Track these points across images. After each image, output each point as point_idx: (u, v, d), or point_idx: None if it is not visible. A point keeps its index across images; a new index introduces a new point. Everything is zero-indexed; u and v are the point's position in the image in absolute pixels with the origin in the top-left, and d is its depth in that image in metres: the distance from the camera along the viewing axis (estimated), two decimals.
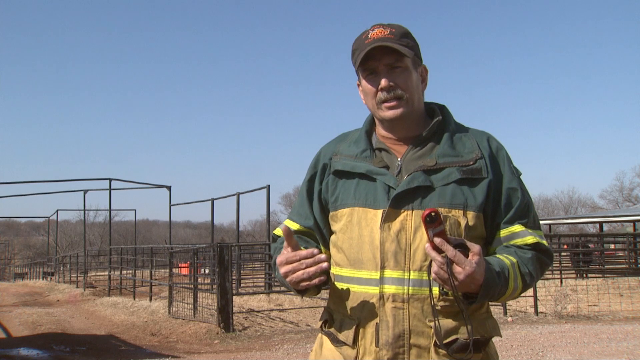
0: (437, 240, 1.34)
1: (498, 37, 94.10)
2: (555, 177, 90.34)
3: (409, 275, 1.42)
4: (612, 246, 26.89)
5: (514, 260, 1.45)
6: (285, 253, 1.45)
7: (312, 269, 1.40)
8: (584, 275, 17.70)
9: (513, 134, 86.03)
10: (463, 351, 1.41)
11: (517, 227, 1.49)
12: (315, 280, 1.41)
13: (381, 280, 1.44)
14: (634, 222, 27.29)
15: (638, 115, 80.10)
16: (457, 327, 1.42)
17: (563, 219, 34.22)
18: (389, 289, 1.43)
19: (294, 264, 1.42)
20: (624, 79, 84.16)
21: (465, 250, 1.35)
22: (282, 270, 1.43)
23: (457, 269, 1.32)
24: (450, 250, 1.33)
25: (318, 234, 1.64)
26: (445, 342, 1.40)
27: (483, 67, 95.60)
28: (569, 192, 77.80)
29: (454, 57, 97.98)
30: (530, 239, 1.48)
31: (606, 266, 20.88)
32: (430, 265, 1.39)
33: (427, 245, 1.36)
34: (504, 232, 1.50)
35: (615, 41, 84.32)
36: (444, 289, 1.40)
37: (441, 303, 1.42)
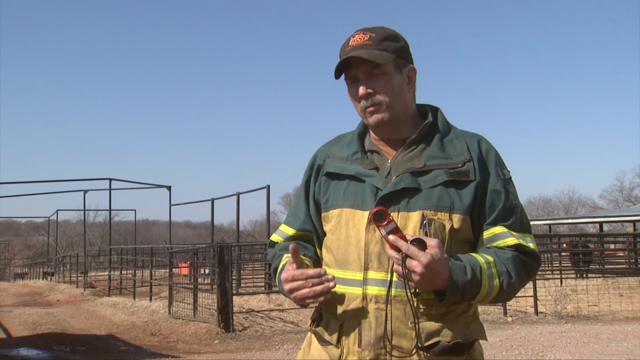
0: (391, 237, 1.35)
1: (498, 37, 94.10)
2: (555, 177, 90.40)
3: (392, 277, 1.42)
4: (612, 246, 26.88)
5: (491, 259, 1.43)
6: (291, 270, 1.45)
7: (318, 288, 1.41)
8: (584, 275, 17.69)
9: (513, 134, 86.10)
10: (444, 354, 1.41)
11: (498, 229, 1.48)
12: (321, 298, 1.42)
13: (364, 282, 1.45)
14: (634, 222, 27.29)
15: (638, 115, 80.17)
16: (439, 330, 1.42)
17: (563, 219, 34.23)
18: (372, 290, 1.44)
19: (300, 282, 1.42)
20: (624, 79, 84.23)
21: (422, 245, 1.35)
22: (287, 286, 1.44)
23: (412, 262, 1.33)
24: (404, 245, 1.34)
25: (315, 235, 1.65)
26: (426, 344, 1.40)
27: (483, 67, 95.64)
28: (569, 192, 77.86)
29: (455, 58, 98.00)
30: (511, 241, 1.47)
31: (606, 266, 20.87)
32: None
33: (387, 246, 1.37)
34: (486, 234, 1.49)
35: (615, 41, 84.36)
36: (413, 289, 1.40)
37: (423, 305, 1.42)
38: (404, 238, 1.35)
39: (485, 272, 1.40)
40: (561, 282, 15.62)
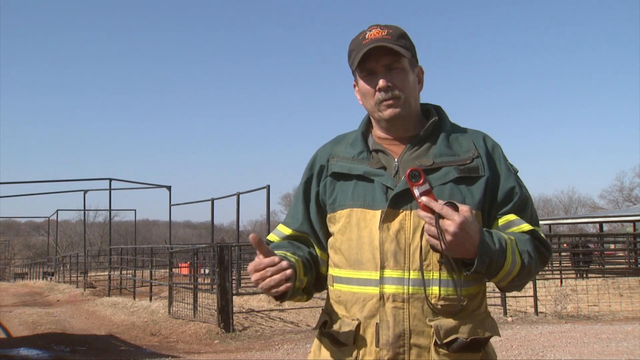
0: (424, 199, 1.37)
1: (498, 37, 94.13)
2: (555, 177, 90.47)
3: (409, 275, 1.42)
4: (612, 246, 26.88)
5: (512, 237, 1.46)
6: (255, 261, 1.43)
7: (277, 277, 1.39)
8: (584, 275, 17.69)
9: (513, 134, 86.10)
10: (462, 350, 1.41)
11: (512, 216, 1.51)
12: (282, 287, 1.39)
13: (381, 280, 1.44)
14: (634, 222, 27.27)
15: (638, 115, 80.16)
16: (457, 327, 1.42)
17: (563, 219, 34.21)
18: (389, 288, 1.43)
19: (261, 272, 1.40)
20: (624, 79, 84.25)
21: (455, 208, 1.36)
22: (253, 278, 1.42)
23: (446, 222, 1.34)
24: (437, 205, 1.35)
25: (313, 237, 1.64)
26: (445, 341, 1.40)
27: (483, 67, 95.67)
28: (569, 192, 77.83)
29: (455, 58, 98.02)
30: (526, 227, 1.50)
31: (606, 266, 20.88)
32: (422, 261, 1.40)
33: (419, 208, 1.38)
34: (501, 221, 1.51)
35: (615, 41, 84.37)
36: (442, 257, 1.40)
37: (441, 302, 1.42)
38: (436, 200, 1.37)
39: (509, 245, 1.42)
40: (561, 282, 15.62)
